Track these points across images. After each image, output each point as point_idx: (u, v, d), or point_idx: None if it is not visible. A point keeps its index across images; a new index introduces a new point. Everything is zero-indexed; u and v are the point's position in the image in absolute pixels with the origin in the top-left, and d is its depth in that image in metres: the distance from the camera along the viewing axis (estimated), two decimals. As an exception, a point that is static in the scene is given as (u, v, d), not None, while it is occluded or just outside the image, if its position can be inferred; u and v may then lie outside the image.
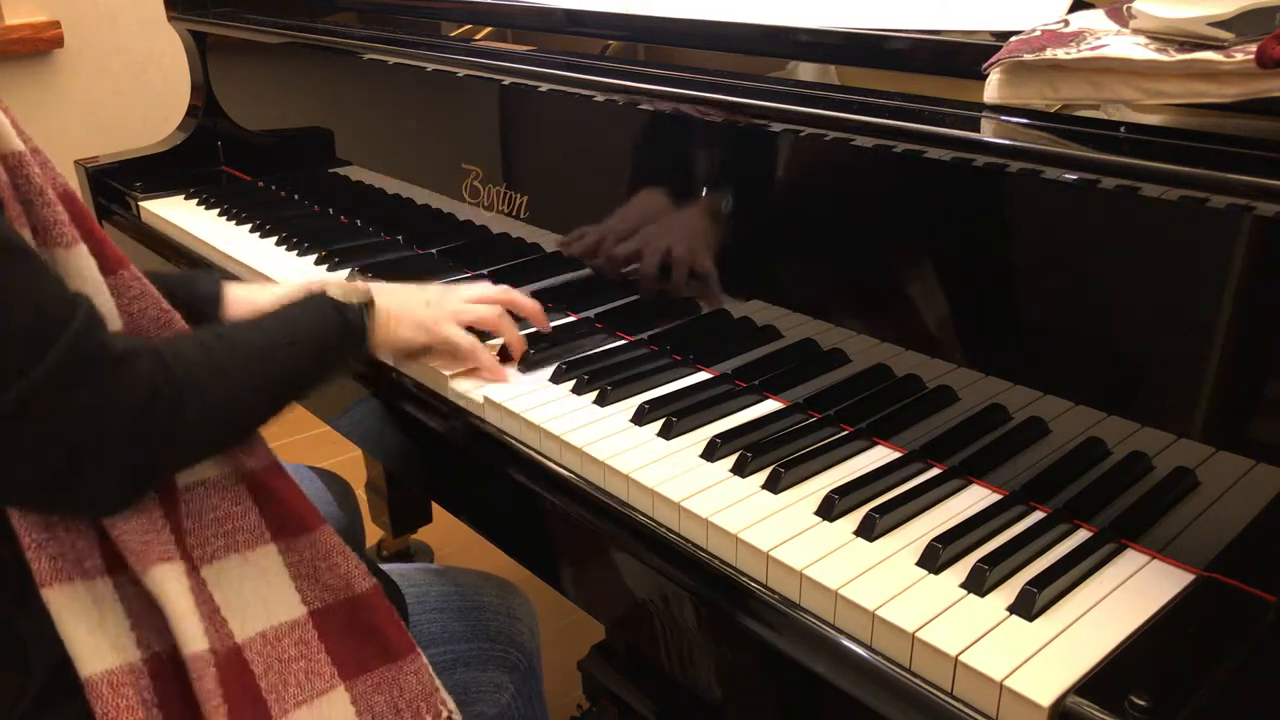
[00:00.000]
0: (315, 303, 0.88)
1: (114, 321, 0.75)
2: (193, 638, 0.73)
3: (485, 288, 1.04)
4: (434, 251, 1.32)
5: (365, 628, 0.83)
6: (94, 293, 0.73)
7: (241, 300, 1.04)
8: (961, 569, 0.69)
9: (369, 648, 0.83)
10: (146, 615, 0.75)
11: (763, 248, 0.94)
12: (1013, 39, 0.77)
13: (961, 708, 0.62)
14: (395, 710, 0.82)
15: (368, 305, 0.92)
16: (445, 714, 0.84)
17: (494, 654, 1.00)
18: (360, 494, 1.39)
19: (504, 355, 1.01)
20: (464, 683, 0.98)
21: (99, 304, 0.72)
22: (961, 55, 0.86)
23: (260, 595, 0.80)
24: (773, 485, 0.79)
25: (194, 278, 1.07)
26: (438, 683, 0.85)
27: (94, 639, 0.73)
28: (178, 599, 0.74)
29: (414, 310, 0.97)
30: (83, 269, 0.72)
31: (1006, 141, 0.75)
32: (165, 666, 0.75)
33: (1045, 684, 0.59)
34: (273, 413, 0.83)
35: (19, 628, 0.74)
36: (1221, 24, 0.66)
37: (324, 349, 0.87)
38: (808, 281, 0.92)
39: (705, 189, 0.98)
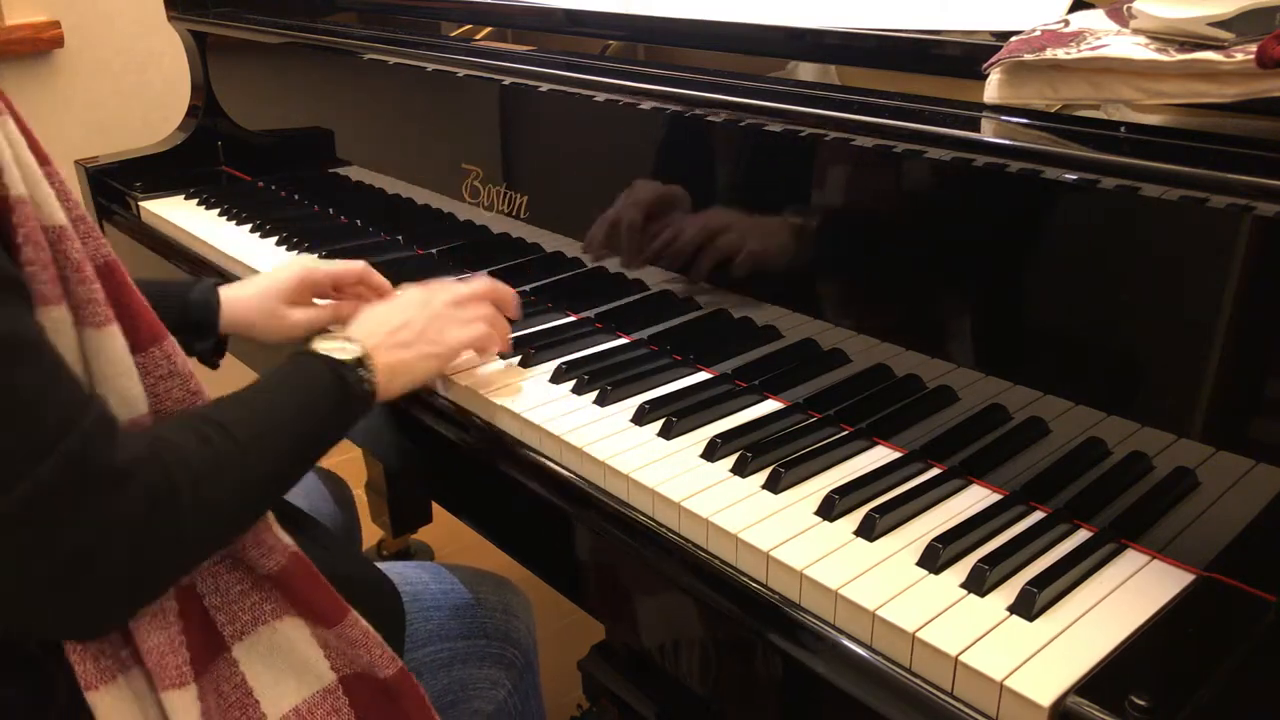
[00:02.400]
0: (311, 371, 0.81)
1: (140, 405, 0.71)
2: None
3: (469, 288, 0.99)
4: (434, 251, 1.32)
5: (393, 704, 0.82)
6: (120, 375, 0.70)
7: (235, 300, 1.06)
8: (962, 569, 0.69)
9: (395, 714, 0.82)
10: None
11: (762, 247, 0.94)
12: (1013, 39, 0.77)
13: (961, 708, 0.62)
14: None
15: (364, 360, 0.84)
16: None
17: (490, 651, 1.00)
18: (360, 494, 1.39)
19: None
20: (461, 679, 0.98)
21: (124, 388, 0.70)
22: (961, 55, 0.86)
23: (291, 666, 0.79)
24: (773, 485, 0.79)
25: (185, 286, 1.06)
26: None
27: None
28: None
29: (415, 344, 0.91)
30: (112, 350, 0.69)
31: (1006, 141, 0.75)
32: None
33: (1045, 684, 0.59)
34: (276, 497, 0.79)
35: None
36: (1221, 24, 0.66)
37: (325, 421, 0.81)
38: (808, 281, 0.92)
39: (705, 189, 0.98)
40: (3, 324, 0.61)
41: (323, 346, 0.83)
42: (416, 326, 0.91)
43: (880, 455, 0.85)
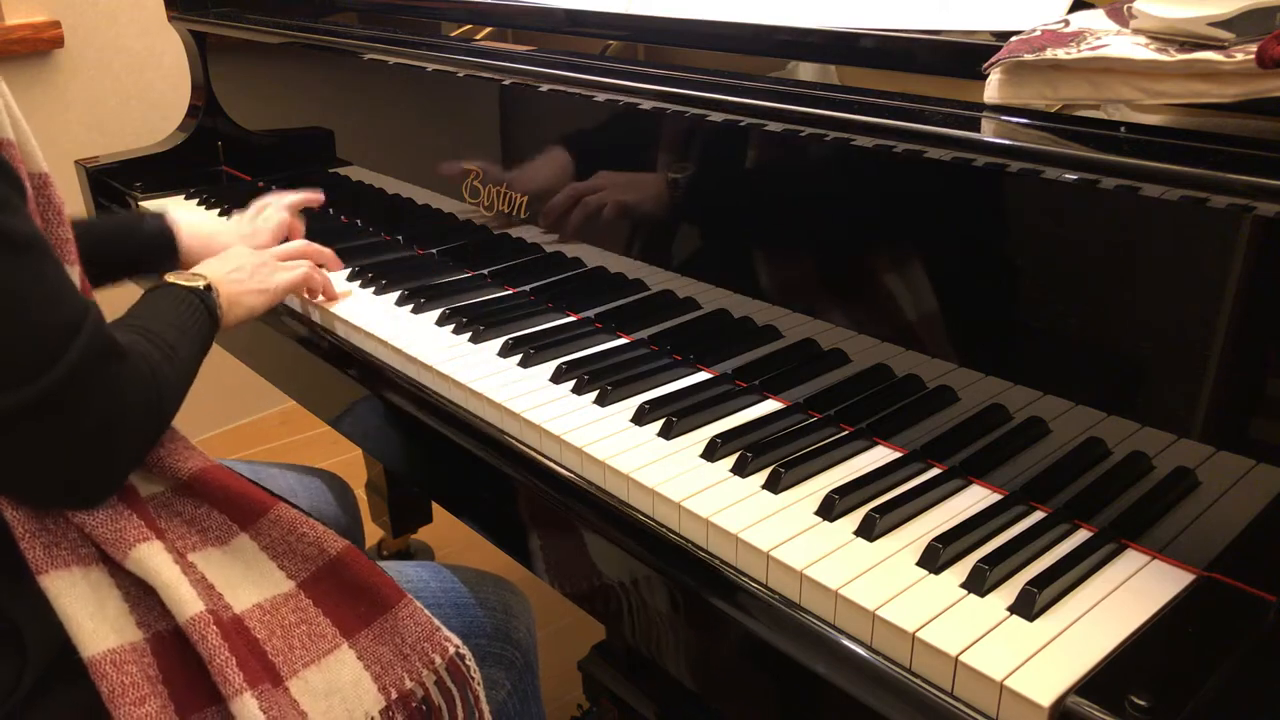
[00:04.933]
0: (182, 296, 0.95)
1: None
2: (187, 602, 0.76)
3: (288, 247, 1.21)
4: (434, 251, 1.32)
5: (353, 586, 0.85)
6: None
7: (193, 231, 1.21)
8: (962, 569, 0.69)
9: (362, 603, 0.85)
10: (144, 597, 0.78)
11: (763, 247, 0.95)
12: (1013, 39, 0.77)
13: (962, 708, 0.62)
14: (402, 656, 0.84)
15: (211, 287, 0.99)
16: (452, 650, 0.86)
17: (490, 651, 1.00)
18: (360, 494, 1.39)
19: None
20: (461, 679, 0.98)
21: None
22: (961, 55, 0.86)
23: (248, 577, 0.83)
24: (773, 485, 0.79)
25: (139, 219, 1.21)
26: (436, 622, 0.86)
27: (94, 622, 0.75)
28: (163, 570, 0.76)
29: (247, 282, 1.06)
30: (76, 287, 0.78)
31: (1006, 141, 0.75)
32: (168, 643, 0.77)
33: (1045, 684, 0.60)
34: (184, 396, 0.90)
35: (14, 613, 0.76)
36: (1221, 24, 0.66)
37: (202, 334, 0.94)
38: (808, 281, 0.92)
39: (704, 189, 0.98)
40: (28, 224, 0.70)
41: (179, 280, 0.97)
42: (247, 270, 1.08)
43: (880, 455, 0.85)
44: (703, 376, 0.99)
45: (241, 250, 1.13)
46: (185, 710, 0.76)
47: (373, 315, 1.14)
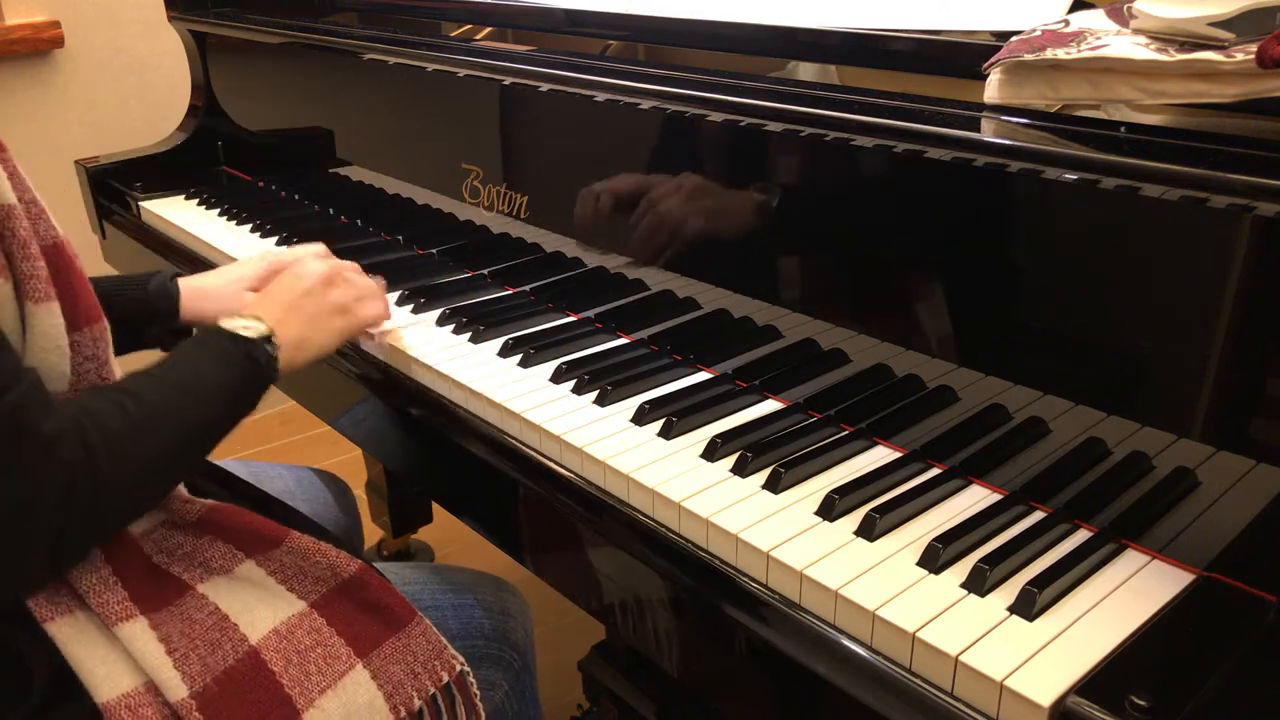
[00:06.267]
0: (220, 347, 0.83)
1: (61, 383, 0.75)
2: (172, 687, 0.75)
3: (318, 258, 1.00)
4: (434, 251, 1.32)
5: (367, 604, 0.85)
6: (50, 350, 0.73)
7: (197, 290, 1.08)
8: (962, 569, 0.69)
9: (376, 622, 0.84)
10: None
11: (763, 248, 0.94)
12: (1013, 39, 0.77)
13: (962, 708, 0.62)
14: (412, 675, 0.84)
15: (270, 339, 0.86)
16: (458, 668, 0.87)
17: (488, 652, 1.00)
18: (360, 494, 1.39)
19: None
20: (459, 681, 0.98)
21: (52, 364, 0.74)
22: (961, 55, 0.86)
23: (260, 600, 0.82)
24: (773, 485, 0.79)
25: (145, 278, 1.08)
26: (444, 640, 0.87)
27: (105, 666, 0.74)
28: (148, 655, 0.75)
29: (317, 319, 0.93)
30: (49, 325, 0.73)
31: (1006, 141, 0.75)
32: None
33: (1045, 684, 0.60)
34: (188, 470, 0.82)
35: (17, 644, 0.75)
36: (1221, 24, 0.66)
37: (233, 396, 0.82)
38: (808, 281, 0.92)
39: (705, 190, 0.98)
40: None
41: (229, 325, 0.85)
42: (317, 300, 0.94)
43: (880, 455, 0.85)
44: (703, 376, 0.99)
45: (315, 268, 0.96)
46: None
47: (373, 315, 1.14)
